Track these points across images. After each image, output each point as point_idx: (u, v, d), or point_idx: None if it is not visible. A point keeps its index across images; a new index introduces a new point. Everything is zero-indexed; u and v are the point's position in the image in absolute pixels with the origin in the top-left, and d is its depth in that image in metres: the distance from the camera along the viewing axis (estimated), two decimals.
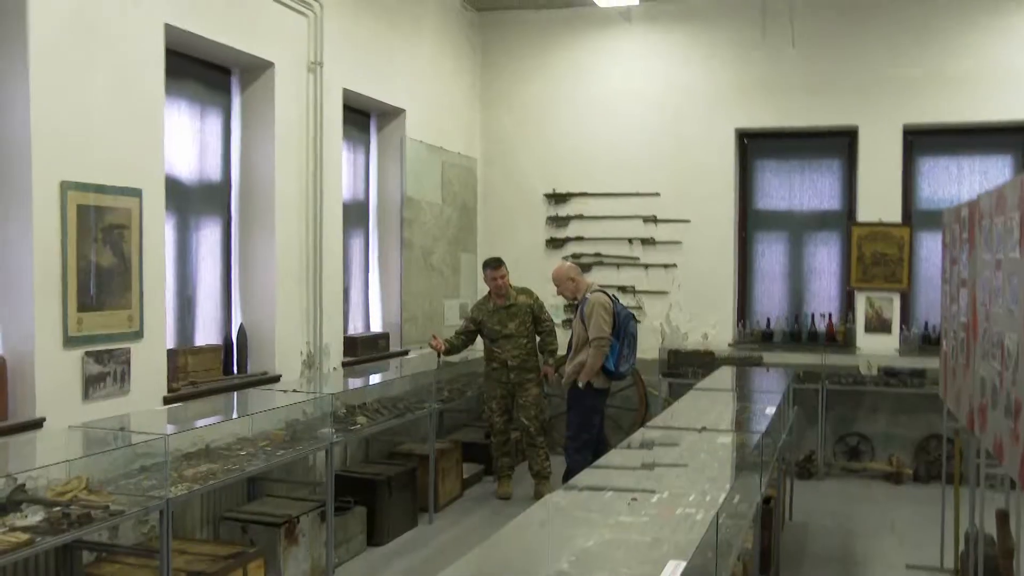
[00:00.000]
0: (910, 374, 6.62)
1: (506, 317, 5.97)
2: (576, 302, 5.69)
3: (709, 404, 4.27)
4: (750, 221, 7.32)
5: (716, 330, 7.17)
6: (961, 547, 4.25)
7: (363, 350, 5.88)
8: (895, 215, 6.86)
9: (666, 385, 6.92)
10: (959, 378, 3.71)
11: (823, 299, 7.15)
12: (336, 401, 4.89)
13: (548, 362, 6.12)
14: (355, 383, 5.65)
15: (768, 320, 7.12)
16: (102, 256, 3.77)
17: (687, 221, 7.22)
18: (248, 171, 5.01)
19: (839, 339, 6.90)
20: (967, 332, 3.48)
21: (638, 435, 3.49)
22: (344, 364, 5.66)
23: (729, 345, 7.08)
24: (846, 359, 6.76)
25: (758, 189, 7.32)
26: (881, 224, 6.85)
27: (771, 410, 3.95)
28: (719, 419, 3.89)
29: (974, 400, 3.31)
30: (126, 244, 3.89)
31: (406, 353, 6.40)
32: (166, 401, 4.17)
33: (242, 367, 4.89)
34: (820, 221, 7.19)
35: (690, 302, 7.23)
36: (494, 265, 5.94)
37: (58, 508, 3.07)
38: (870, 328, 6.89)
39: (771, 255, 7.28)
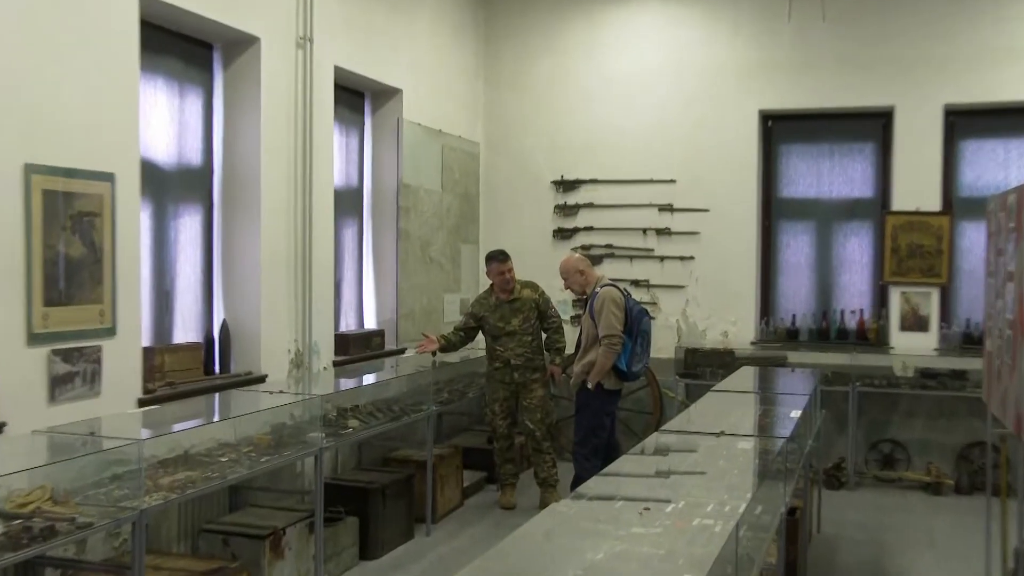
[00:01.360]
0: (950, 376, 6.56)
1: (509, 313, 5.94)
2: (585, 297, 5.66)
3: (729, 407, 4.27)
4: (774, 210, 7.27)
5: (737, 327, 7.13)
6: (1010, 564, 4.18)
7: (356, 348, 5.88)
8: (934, 203, 6.79)
9: (682, 387, 6.89)
10: (1005, 380, 3.64)
11: (853, 294, 7.11)
12: (326, 403, 4.90)
13: (555, 361, 6.10)
14: (347, 384, 5.65)
15: (793, 317, 7.08)
16: (71, 246, 3.73)
17: (706, 210, 7.18)
18: (231, 155, 4.99)
19: (871, 338, 6.86)
20: (1014, 329, 3.41)
21: (652, 440, 3.50)
22: (335, 363, 5.66)
23: (751, 344, 7.05)
24: (879, 359, 6.71)
25: (783, 175, 7.27)
26: (918, 213, 6.78)
27: (796, 414, 3.94)
28: (740, 423, 3.88)
29: (1022, 404, 3.24)
30: (97, 233, 3.86)
31: (402, 352, 6.38)
32: (141, 403, 4.15)
33: (224, 366, 4.89)
34: (851, 210, 7.13)
35: (709, 297, 7.20)
36: (501, 258, 5.92)
37: (19, 521, 3.03)
38: (905, 326, 6.83)
39: (797, 247, 7.24)
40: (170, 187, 4.68)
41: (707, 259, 7.18)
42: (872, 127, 7.07)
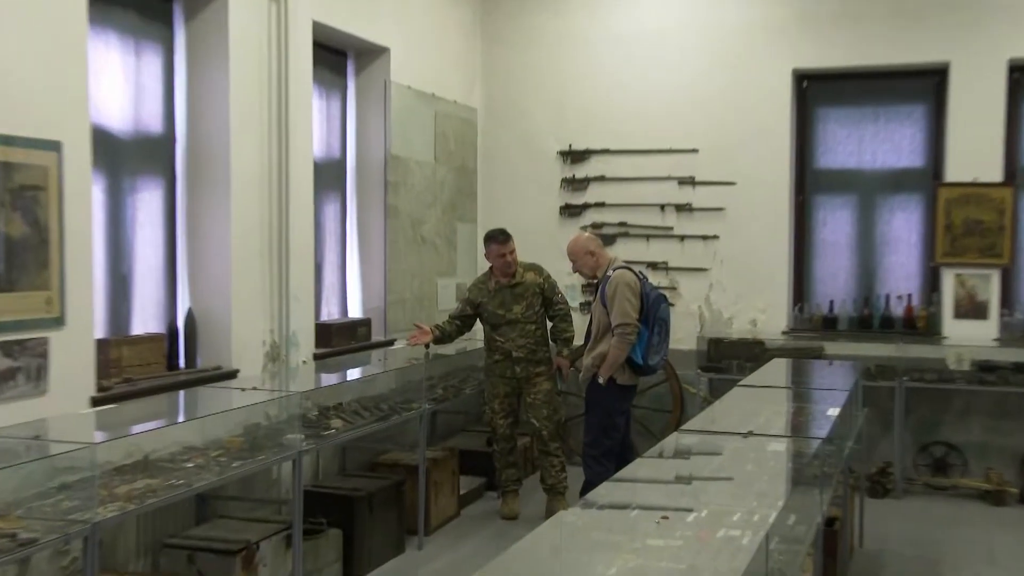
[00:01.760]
0: (1012, 369, 6.50)
1: (511, 299, 5.93)
2: (596, 281, 5.65)
3: (758, 404, 4.29)
4: (810, 183, 7.24)
5: (767, 315, 7.12)
6: None
7: (339, 339, 5.90)
8: (995, 173, 6.71)
9: (705, 381, 6.89)
10: None
11: (900, 277, 7.06)
12: (306, 401, 4.90)
13: (562, 353, 6.10)
14: (329, 379, 5.67)
15: (831, 303, 7.05)
16: (11, 225, 3.70)
17: (732, 183, 7.15)
18: (196, 122, 4.97)
19: (920, 326, 6.81)
20: None
21: (671, 441, 3.53)
22: (316, 356, 5.67)
23: (783, 333, 7.04)
24: (929, 351, 6.65)
25: (820, 143, 7.22)
26: (976, 184, 6.71)
27: (835, 412, 3.94)
28: (770, 422, 3.89)
29: None
30: (42, 210, 3.82)
31: (391, 343, 6.39)
32: (95, 403, 4.13)
33: (190, 361, 4.88)
34: (897, 182, 7.07)
35: (735, 281, 7.18)
36: (501, 239, 5.91)
37: None
38: (961, 313, 6.76)
39: (835, 224, 7.19)
40: (126, 158, 4.64)
41: (733, 238, 7.15)
42: (923, 87, 6.99)
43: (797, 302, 7.15)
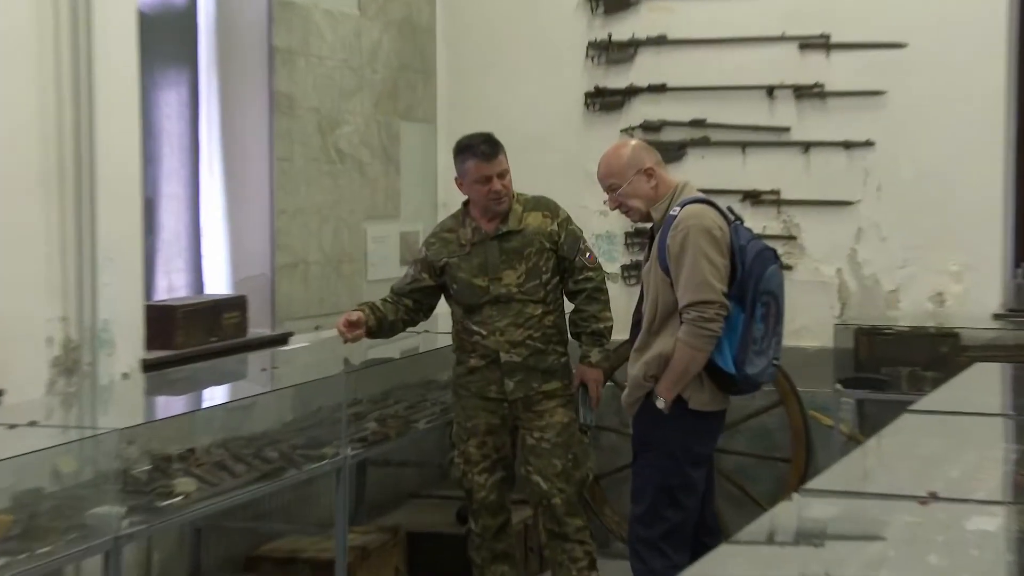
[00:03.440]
0: None
1: (499, 259, 5.92)
2: (651, 225, 5.58)
3: (947, 445, 4.26)
4: None
5: (963, 286, 7.16)
6: None
7: (190, 334, 6.00)
8: None
9: (851, 404, 6.93)
10: None
11: None
12: (128, 446, 4.92)
13: (590, 357, 6.04)
14: (171, 406, 5.89)
15: None
16: None
17: (900, 45, 7.19)
18: None
19: None
20: None
21: (789, 511, 3.50)
22: (147, 365, 5.77)
23: (995, 318, 7.13)
24: None
25: None
26: None
27: None
28: (971, 478, 3.84)
29: None
30: None
31: (284, 340, 6.52)
32: None
33: None
34: None
35: (905, 225, 7.25)
36: (486, 152, 5.90)
37: None
38: None
39: None
40: None
41: (901, 148, 7.22)
42: None
43: (1022, 263, 7.15)
